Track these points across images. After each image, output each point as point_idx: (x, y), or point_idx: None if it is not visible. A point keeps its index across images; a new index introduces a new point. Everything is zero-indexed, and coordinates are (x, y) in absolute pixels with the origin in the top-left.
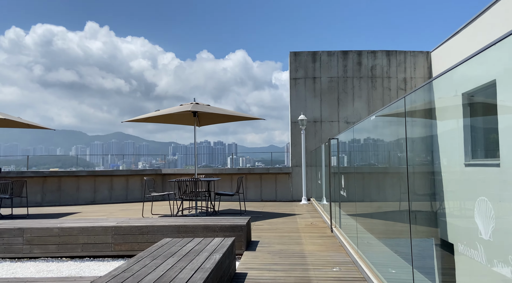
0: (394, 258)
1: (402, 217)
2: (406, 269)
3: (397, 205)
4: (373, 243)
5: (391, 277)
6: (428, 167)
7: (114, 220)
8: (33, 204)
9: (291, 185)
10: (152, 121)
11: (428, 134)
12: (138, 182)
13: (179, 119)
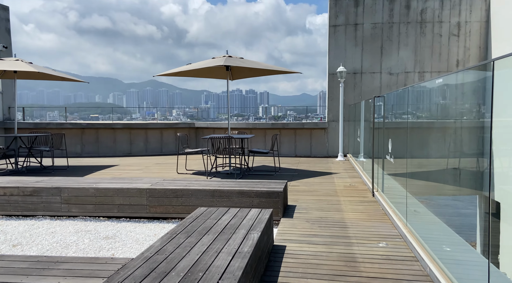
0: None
1: (470, 182)
2: (473, 256)
3: (466, 169)
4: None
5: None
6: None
7: (149, 181)
8: (73, 155)
9: (326, 141)
10: (183, 75)
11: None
12: (172, 135)
13: (211, 72)
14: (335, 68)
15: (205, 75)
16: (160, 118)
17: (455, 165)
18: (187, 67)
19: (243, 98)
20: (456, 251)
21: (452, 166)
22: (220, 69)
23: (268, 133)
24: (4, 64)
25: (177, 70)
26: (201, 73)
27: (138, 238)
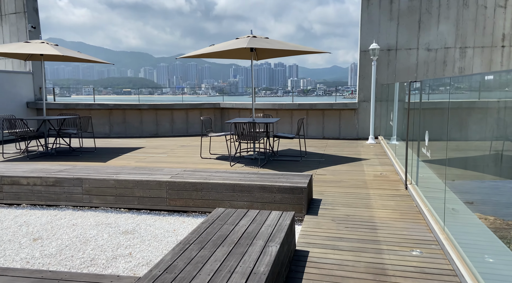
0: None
1: None
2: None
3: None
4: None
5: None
6: None
7: (169, 172)
8: (102, 135)
9: (356, 122)
10: (206, 57)
11: None
12: (197, 116)
13: (235, 54)
14: (367, 45)
15: (229, 56)
16: (189, 92)
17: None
18: (210, 49)
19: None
20: (506, 269)
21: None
22: (245, 50)
23: (295, 114)
24: (30, 47)
25: (200, 52)
26: (225, 54)
27: (157, 234)
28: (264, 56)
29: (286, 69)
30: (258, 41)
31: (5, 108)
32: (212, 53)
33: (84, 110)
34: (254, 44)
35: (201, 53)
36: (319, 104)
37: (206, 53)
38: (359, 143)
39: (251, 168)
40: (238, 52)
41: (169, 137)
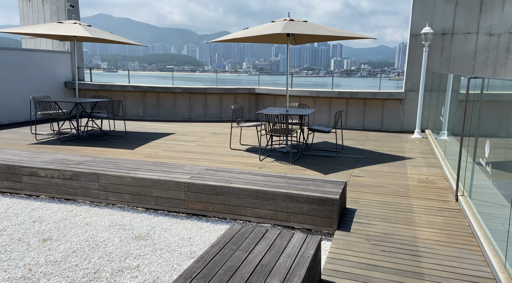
0: None
1: None
2: None
3: None
4: None
5: None
6: None
7: (190, 170)
8: (135, 117)
9: (401, 113)
10: (239, 41)
11: None
12: (231, 101)
13: (270, 38)
14: (419, 28)
15: (264, 41)
16: (230, 70)
17: None
18: (243, 33)
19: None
20: None
21: None
22: (280, 35)
23: (334, 102)
24: (63, 28)
25: (232, 37)
26: (259, 38)
27: (171, 242)
28: (302, 41)
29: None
30: (295, 26)
31: (44, 87)
32: (245, 38)
33: (119, 91)
34: (290, 29)
35: (233, 38)
36: (361, 93)
37: (238, 38)
38: (403, 137)
39: (281, 164)
40: (273, 36)
41: (202, 122)
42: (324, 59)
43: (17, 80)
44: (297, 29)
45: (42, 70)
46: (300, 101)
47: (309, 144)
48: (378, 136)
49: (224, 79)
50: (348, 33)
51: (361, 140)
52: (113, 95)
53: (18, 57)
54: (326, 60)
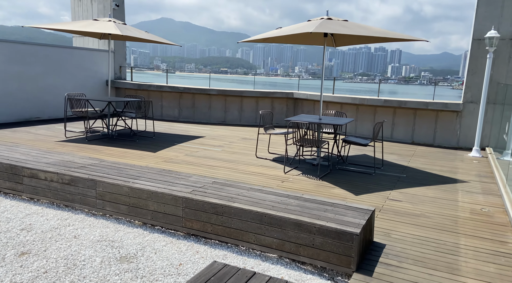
0: None
1: None
2: None
3: None
4: None
5: None
6: None
7: (193, 183)
8: (171, 118)
9: (458, 127)
10: (272, 42)
11: None
12: (268, 105)
13: (307, 38)
14: (483, 32)
15: (300, 42)
16: (282, 74)
17: None
18: (275, 33)
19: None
20: None
21: None
22: (317, 35)
23: (379, 112)
24: (96, 25)
25: (264, 36)
26: (295, 39)
27: (157, 268)
28: (344, 42)
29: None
30: (331, 25)
31: (86, 85)
32: (278, 37)
33: (156, 92)
34: (324, 28)
35: (266, 37)
36: (410, 102)
37: (272, 37)
38: (458, 155)
39: (307, 179)
40: (311, 37)
41: (236, 125)
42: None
43: (59, 76)
44: (333, 29)
45: (84, 68)
46: (341, 109)
47: (344, 157)
48: (428, 152)
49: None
50: (395, 35)
51: (407, 156)
52: (151, 95)
53: (60, 54)
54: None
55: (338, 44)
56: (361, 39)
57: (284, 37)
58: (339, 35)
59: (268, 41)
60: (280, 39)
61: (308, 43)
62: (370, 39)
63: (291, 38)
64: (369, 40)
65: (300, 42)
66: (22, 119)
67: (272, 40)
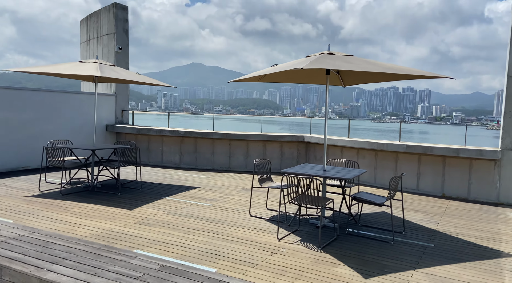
0: None
1: None
2: None
3: None
4: None
5: None
6: None
7: (128, 272)
8: (171, 164)
9: (498, 179)
10: (267, 80)
11: None
12: (277, 149)
13: (308, 77)
14: None
15: (301, 80)
16: (309, 114)
17: None
18: (268, 70)
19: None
20: None
21: None
22: (319, 73)
23: (401, 159)
24: (81, 67)
25: (258, 74)
26: (293, 77)
27: None
28: (353, 81)
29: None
30: (332, 60)
31: (83, 130)
32: (276, 77)
33: (156, 136)
34: (321, 64)
35: (261, 75)
36: (438, 149)
37: (268, 76)
38: (500, 214)
39: (305, 249)
40: (312, 75)
41: (241, 173)
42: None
43: (52, 123)
44: (333, 64)
45: (82, 112)
46: (358, 154)
47: (356, 216)
48: (463, 209)
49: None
50: (415, 71)
51: (436, 214)
52: (151, 139)
53: (54, 99)
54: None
55: (347, 83)
56: (374, 77)
57: (282, 76)
58: (346, 72)
59: (264, 80)
60: (277, 78)
61: (311, 82)
62: (383, 77)
63: (290, 76)
64: (383, 78)
65: (302, 81)
66: (7, 169)
67: (269, 79)
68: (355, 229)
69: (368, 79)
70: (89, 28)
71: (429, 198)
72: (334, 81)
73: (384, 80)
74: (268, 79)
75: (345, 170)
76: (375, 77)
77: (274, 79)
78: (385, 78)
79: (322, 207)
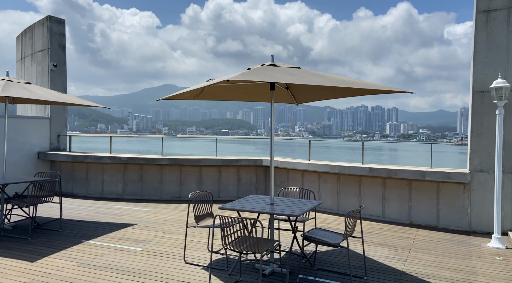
0: None
1: None
2: None
3: None
4: None
5: None
6: None
7: None
8: (114, 195)
9: (468, 204)
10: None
11: None
12: (234, 175)
13: (252, 92)
14: (485, 82)
15: (245, 98)
16: (283, 133)
17: None
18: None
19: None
20: None
21: None
22: (263, 88)
23: (365, 183)
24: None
25: (191, 89)
26: (235, 94)
27: None
28: (309, 97)
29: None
30: (271, 72)
31: (9, 159)
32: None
33: (95, 164)
34: (270, 77)
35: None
36: (403, 172)
37: (203, 93)
38: (473, 246)
39: None
40: (255, 90)
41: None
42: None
43: None
44: (271, 76)
45: (8, 140)
46: (319, 179)
47: (311, 257)
48: (432, 240)
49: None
50: (372, 85)
51: (404, 249)
52: (90, 168)
53: None
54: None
55: (299, 100)
56: (327, 92)
57: (222, 93)
58: (296, 88)
59: (203, 98)
60: (218, 94)
61: (255, 100)
62: (339, 92)
63: (232, 94)
64: (338, 93)
65: (246, 98)
66: None
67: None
68: (309, 275)
69: (321, 95)
70: (24, 44)
71: (396, 226)
72: (285, 99)
73: (339, 95)
74: (207, 96)
75: (297, 203)
76: (328, 92)
77: (215, 96)
78: (340, 93)
79: (267, 252)
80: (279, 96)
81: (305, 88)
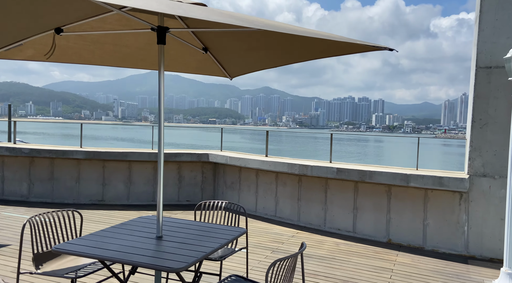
0: None
1: None
2: None
3: None
4: None
5: None
6: None
7: None
8: (16, 197)
9: (465, 220)
10: (60, 60)
11: None
12: (174, 173)
13: (133, 52)
14: (496, 54)
15: (133, 64)
16: (270, 123)
17: None
18: None
19: (355, 105)
20: None
21: None
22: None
23: (332, 187)
24: None
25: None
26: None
27: None
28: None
29: (371, 104)
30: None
31: None
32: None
33: None
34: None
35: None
36: (379, 175)
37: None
38: (471, 279)
39: None
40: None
41: (121, 207)
42: (365, 115)
43: None
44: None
45: None
46: (277, 180)
47: None
48: (416, 272)
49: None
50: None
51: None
52: None
53: None
54: (367, 115)
55: (233, 73)
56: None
57: (103, 55)
58: (225, 55)
59: (54, 60)
60: (81, 55)
61: (148, 67)
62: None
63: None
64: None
65: (129, 64)
66: None
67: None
68: None
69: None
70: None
71: (369, 247)
72: (215, 72)
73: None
74: (58, 57)
75: (202, 235)
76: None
77: (72, 59)
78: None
79: None
80: (195, 63)
81: (240, 56)
